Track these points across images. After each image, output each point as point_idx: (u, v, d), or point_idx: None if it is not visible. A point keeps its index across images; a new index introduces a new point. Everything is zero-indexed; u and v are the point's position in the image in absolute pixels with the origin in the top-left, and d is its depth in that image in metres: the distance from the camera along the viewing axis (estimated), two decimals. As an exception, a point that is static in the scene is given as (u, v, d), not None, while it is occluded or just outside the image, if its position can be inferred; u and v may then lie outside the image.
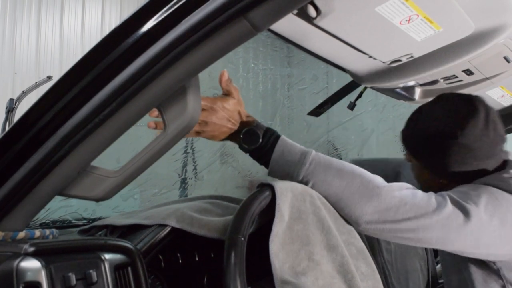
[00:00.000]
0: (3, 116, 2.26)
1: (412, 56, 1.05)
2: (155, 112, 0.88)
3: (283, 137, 0.97)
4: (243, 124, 0.97)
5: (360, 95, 1.47)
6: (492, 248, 1.00)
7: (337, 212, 0.95)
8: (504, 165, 1.11)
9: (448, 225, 0.94)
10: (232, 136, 0.98)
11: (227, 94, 0.97)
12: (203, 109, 0.91)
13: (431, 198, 0.96)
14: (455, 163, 1.09)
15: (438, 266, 1.75)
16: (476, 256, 1.05)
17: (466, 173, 1.09)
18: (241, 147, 0.98)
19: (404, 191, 0.95)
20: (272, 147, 0.95)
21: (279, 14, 0.61)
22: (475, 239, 0.97)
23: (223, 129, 0.95)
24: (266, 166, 0.97)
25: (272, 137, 0.96)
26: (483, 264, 1.08)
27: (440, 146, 1.10)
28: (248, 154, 0.99)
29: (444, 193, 1.00)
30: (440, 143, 1.10)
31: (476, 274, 1.10)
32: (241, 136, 0.96)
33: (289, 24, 0.93)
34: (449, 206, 0.95)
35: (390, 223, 0.92)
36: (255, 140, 0.95)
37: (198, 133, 0.95)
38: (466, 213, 0.95)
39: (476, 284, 1.10)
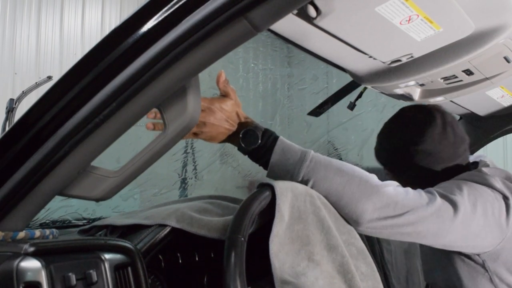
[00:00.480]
0: (3, 116, 2.26)
1: (412, 56, 1.05)
2: (152, 113, 0.89)
3: (281, 137, 0.98)
4: (241, 125, 0.97)
5: (360, 95, 1.47)
6: (478, 238, 1.05)
7: (338, 212, 0.95)
8: (475, 165, 1.21)
9: (442, 216, 0.98)
10: (230, 138, 0.98)
11: (224, 95, 0.97)
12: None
13: (421, 193, 1.01)
14: (422, 168, 1.19)
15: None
16: (463, 250, 1.10)
17: (435, 176, 1.17)
18: (239, 149, 0.98)
19: (398, 188, 0.99)
20: (271, 147, 0.95)
21: (279, 14, 0.61)
22: (465, 229, 1.01)
23: (221, 130, 0.95)
24: (265, 166, 0.97)
25: (271, 137, 0.97)
26: (468, 259, 1.12)
27: (405, 156, 1.20)
28: (246, 156, 0.99)
29: (430, 189, 1.06)
30: (405, 152, 1.20)
31: (462, 269, 1.14)
32: (240, 136, 0.96)
33: (289, 24, 0.93)
34: (439, 199, 1.00)
35: (391, 218, 0.94)
36: (254, 140, 0.96)
37: (196, 135, 0.95)
38: (454, 204, 1.00)
39: (464, 280, 1.14)
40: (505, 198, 1.09)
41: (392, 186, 0.98)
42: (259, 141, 0.95)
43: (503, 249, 1.09)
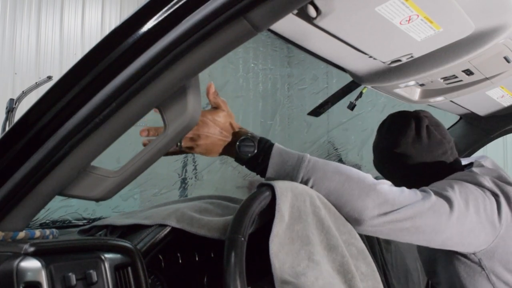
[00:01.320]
0: (3, 116, 2.26)
1: (412, 56, 1.05)
2: (145, 131, 0.89)
3: (277, 144, 0.99)
4: (236, 135, 0.98)
5: (360, 95, 1.47)
6: (472, 235, 1.07)
7: (338, 211, 0.95)
8: (470, 166, 1.26)
9: (438, 211, 1.00)
10: (226, 149, 0.98)
11: (215, 107, 0.98)
12: None
13: (416, 191, 1.04)
14: (402, 170, 1.27)
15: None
16: (459, 248, 1.11)
17: (423, 177, 1.22)
18: (236, 159, 0.99)
19: (392, 187, 1.01)
20: (268, 153, 0.96)
21: (279, 14, 0.61)
22: (460, 226, 1.03)
23: (216, 141, 0.96)
24: (262, 174, 0.98)
25: (267, 144, 0.98)
26: (464, 258, 1.14)
27: (386, 160, 1.30)
28: (244, 166, 1.00)
29: (424, 187, 1.09)
30: (387, 156, 1.29)
31: (460, 269, 1.16)
32: (237, 144, 0.96)
33: (289, 24, 0.93)
34: (433, 196, 1.02)
35: (390, 214, 0.95)
36: (251, 148, 0.97)
37: (191, 149, 0.95)
38: (448, 201, 1.02)
39: (462, 279, 1.16)
40: (495, 196, 1.11)
41: (387, 184, 1.00)
42: (256, 149, 0.96)
43: (497, 247, 1.10)
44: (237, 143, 0.97)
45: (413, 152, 1.24)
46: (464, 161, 1.33)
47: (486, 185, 1.12)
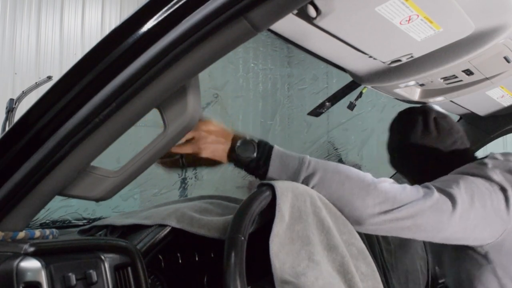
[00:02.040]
0: (3, 116, 2.26)
1: (412, 56, 1.05)
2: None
3: (276, 146, 0.99)
4: (234, 138, 0.98)
5: (360, 95, 1.47)
6: (477, 230, 1.06)
7: (339, 211, 0.95)
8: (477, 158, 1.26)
9: (440, 208, 1.00)
10: (228, 155, 0.98)
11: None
12: (190, 141, 0.93)
13: (418, 188, 1.03)
14: (412, 163, 1.31)
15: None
16: (464, 242, 1.10)
17: (430, 169, 1.24)
18: (236, 163, 0.98)
19: (393, 184, 1.00)
20: (269, 156, 0.96)
21: (279, 14, 0.61)
22: (463, 222, 1.02)
23: (216, 148, 0.96)
24: (262, 177, 0.98)
25: (266, 147, 0.98)
26: (471, 251, 1.14)
27: (400, 156, 1.34)
28: (244, 170, 1.00)
29: (427, 183, 1.08)
30: (399, 154, 1.33)
31: (466, 261, 1.16)
32: (238, 145, 0.96)
33: (289, 24, 0.93)
34: (436, 193, 1.02)
35: (390, 212, 0.95)
36: (251, 150, 0.96)
37: (197, 163, 0.97)
38: (451, 197, 1.02)
39: (468, 272, 1.16)
40: (503, 190, 1.10)
41: (388, 182, 1.00)
42: (255, 151, 0.96)
43: (505, 240, 1.09)
44: (236, 147, 0.96)
45: (423, 145, 1.26)
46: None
47: (494, 179, 1.10)
